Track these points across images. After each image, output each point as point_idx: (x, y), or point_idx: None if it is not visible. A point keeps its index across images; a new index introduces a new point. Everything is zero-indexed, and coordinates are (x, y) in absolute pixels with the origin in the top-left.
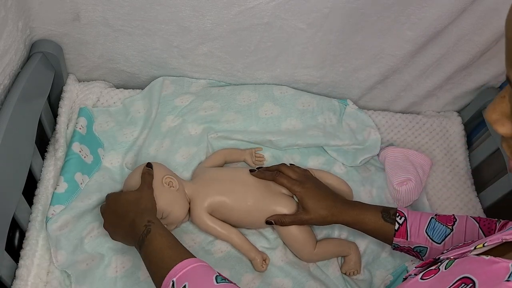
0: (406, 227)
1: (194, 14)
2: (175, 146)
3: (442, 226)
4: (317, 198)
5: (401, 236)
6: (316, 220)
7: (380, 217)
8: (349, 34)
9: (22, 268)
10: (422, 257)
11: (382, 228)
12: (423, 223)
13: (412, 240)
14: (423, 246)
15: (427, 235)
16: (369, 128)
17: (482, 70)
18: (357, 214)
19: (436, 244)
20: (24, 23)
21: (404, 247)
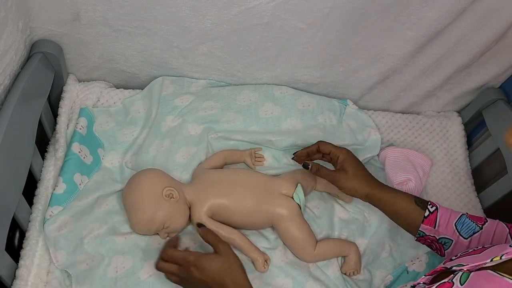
0: (436, 216)
1: (194, 14)
2: (175, 146)
3: (472, 223)
4: (357, 166)
5: (429, 223)
6: (351, 184)
7: (413, 201)
8: (349, 34)
9: (22, 268)
10: (445, 250)
11: (413, 212)
12: (454, 216)
13: (439, 230)
14: (449, 238)
15: (456, 228)
16: (369, 128)
17: (482, 70)
18: (392, 192)
19: (463, 239)
20: (24, 23)
21: (429, 236)
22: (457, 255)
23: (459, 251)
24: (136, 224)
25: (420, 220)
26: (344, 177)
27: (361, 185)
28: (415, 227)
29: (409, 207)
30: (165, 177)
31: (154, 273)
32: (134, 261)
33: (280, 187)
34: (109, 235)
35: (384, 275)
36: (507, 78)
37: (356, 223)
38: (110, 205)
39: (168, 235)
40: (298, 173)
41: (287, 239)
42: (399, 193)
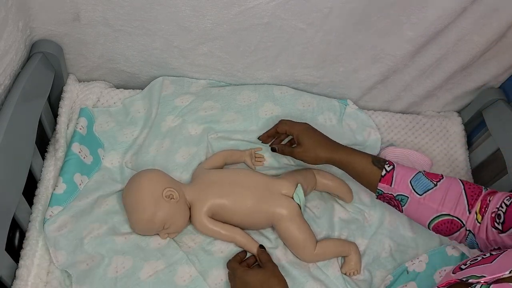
0: (392, 175)
1: (194, 14)
2: (175, 146)
3: (427, 180)
4: (313, 136)
5: (386, 182)
6: (308, 157)
7: (370, 161)
8: (349, 34)
9: (22, 268)
10: (402, 207)
11: (370, 172)
12: (410, 174)
13: (395, 188)
14: (405, 195)
15: (411, 185)
16: (369, 128)
17: (482, 70)
18: (349, 154)
19: (417, 195)
20: (24, 23)
21: (387, 194)
22: (466, 263)
23: (414, 208)
24: (136, 225)
25: (377, 179)
26: (301, 150)
27: (320, 152)
28: (374, 185)
29: (368, 167)
30: (165, 177)
31: (154, 273)
32: (134, 261)
33: (280, 187)
34: (109, 235)
35: (384, 275)
36: (507, 78)
37: (356, 223)
38: (110, 205)
39: (168, 235)
40: (298, 173)
41: (287, 239)
42: (357, 154)
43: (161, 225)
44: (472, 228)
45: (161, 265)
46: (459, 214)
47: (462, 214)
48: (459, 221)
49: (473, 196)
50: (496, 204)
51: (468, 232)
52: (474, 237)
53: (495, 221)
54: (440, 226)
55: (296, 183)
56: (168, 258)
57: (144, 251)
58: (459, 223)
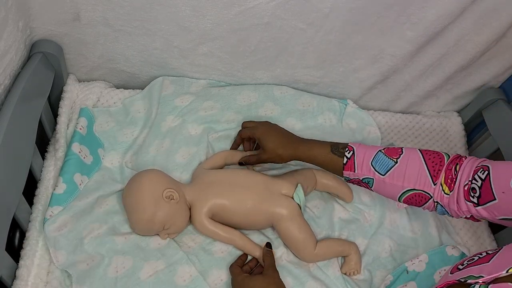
0: (353, 161)
1: (194, 14)
2: (175, 146)
3: (387, 159)
4: (273, 138)
5: (349, 169)
6: (274, 159)
7: (329, 151)
8: (349, 34)
9: (22, 268)
10: (371, 187)
11: (332, 161)
12: (370, 155)
13: (358, 172)
14: (370, 177)
15: (372, 167)
16: (369, 126)
17: (482, 70)
18: (308, 148)
19: (380, 176)
20: (24, 23)
21: (354, 179)
22: (463, 263)
23: (381, 188)
24: (136, 225)
25: (341, 167)
26: (265, 154)
27: (282, 153)
28: (340, 173)
29: (327, 157)
30: (165, 178)
31: (154, 273)
32: (134, 261)
33: (280, 187)
34: (109, 235)
35: (384, 275)
36: (507, 78)
37: (356, 223)
38: (110, 205)
39: (168, 235)
40: (298, 173)
41: (287, 239)
42: (317, 146)
43: (161, 226)
44: (440, 200)
45: (161, 265)
46: (424, 187)
47: (427, 186)
48: (426, 193)
49: (434, 167)
50: (468, 175)
51: (436, 204)
52: (443, 208)
53: (469, 194)
54: (409, 200)
55: (296, 183)
56: (168, 258)
57: (144, 251)
58: (426, 195)
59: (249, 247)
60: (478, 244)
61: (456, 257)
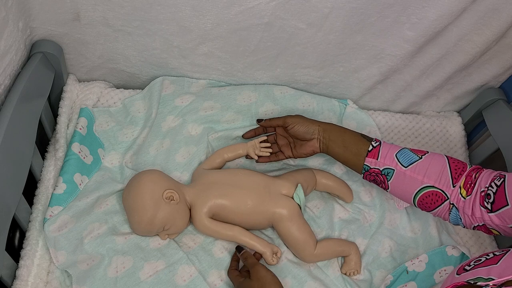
0: (378, 149)
1: (194, 14)
2: (175, 146)
3: (412, 154)
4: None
5: (372, 156)
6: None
7: (360, 134)
8: (349, 34)
9: (22, 268)
10: (388, 181)
11: (359, 143)
12: (396, 149)
13: (381, 161)
14: (390, 168)
15: (396, 158)
16: (368, 127)
17: (482, 70)
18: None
19: (402, 167)
20: (24, 23)
21: (373, 169)
22: (470, 264)
23: (399, 181)
24: (136, 226)
25: (365, 153)
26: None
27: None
28: (361, 160)
29: (357, 139)
30: (166, 179)
31: (154, 273)
32: (134, 261)
33: (280, 187)
34: (109, 235)
35: (384, 275)
36: (507, 78)
37: (356, 223)
38: (110, 205)
39: (168, 236)
40: (298, 173)
41: (287, 239)
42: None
43: (161, 227)
44: (456, 203)
45: (161, 265)
46: (443, 186)
47: (446, 186)
48: (443, 194)
49: (457, 170)
50: (486, 183)
51: (451, 206)
52: (458, 212)
53: (484, 200)
54: (424, 199)
55: (296, 183)
56: (168, 258)
57: (144, 251)
58: (443, 195)
59: (252, 243)
60: (478, 244)
61: (456, 257)
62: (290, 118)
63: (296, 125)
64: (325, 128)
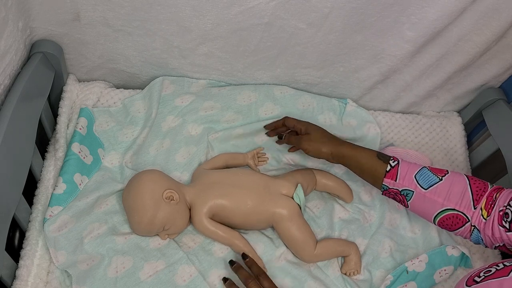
0: (397, 170)
1: (194, 14)
2: (175, 146)
3: (432, 175)
4: (321, 130)
5: (390, 177)
6: (315, 146)
7: (375, 155)
8: (349, 34)
9: (22, 268)
10: (408, 201)
11: (375, 165)
12: (414, 169)
13: (400, 182)
14: (410, 190)
15: (415, 179)
16: (368, 123)
17: (482, 70)
18: (354, 148)
19: (422, 189)
20: (24, 23)
21: (392, 189)
22: (480, 275)
23: (419, 202)
24: (136, 226)
25: (382, 174)
26: (307, 139)
27: (325, 145)
28: (378, 181)
29: (372, 162)
30: (165, 178)
31: (154, 273)
32: (134, 261)
33: (280, 187)
34: (109, 235)
35: (384, 275)
36: (507, 78)
37: (356, 223)
38: (110, 205)
39: (168, 236)
40: (298, 173)
41: (287, 239)
42: (362, 148)
43: (161, 227)
44: (477, 224)
45: (161, 265)
46: (464, 209)
47: (467, 209)
48: (464, 216)
49: (478, 192)
50: (504, 202)
51: (473, 228)
52: (479, 233)
53: (502, 219)
54: (445, 221)
55: (296, 183)
56: (168, 258)
57: (144, 251)
58: (464, 218)
59: (247, 250)
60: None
61: (456, 257)
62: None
63: (306, 142)
64: (337, 155)
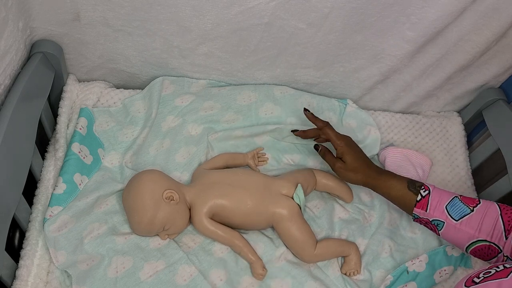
0: (428, 200)
1: (194, 14)
2: (175, 146)
3: (463, 206)
4: (356, 157)
5: (421, 207)
6: (348, 175)
7: (406, 185)
8: (349, 34)
9: (22, 268)
10: (439, 231)
11: (406, 196)
12: (446, 199)
13: (430, 213)
14: (440, 220)
15: (446, 210)
16: (369, 126)
17: (482, 70)
18: (386, 180)
19: (453, 221)
20: (24, 23)
21: (423, 219)
22: (479, 276)
23: (451, 233)
24: (136, 226)
25: (413, 204)
26: (343, 167)
27: (358, 176)
28: (409, 210)
29: (403, 192)
30: (165, 179)
31: (154, 273)
32: (134, 261)
33: (280, 187)
34: (109, 235)
35: (384, 275)
36: (507, 78)
37: (356, 223)
38: (110, 205)
39: (168, 236)
40: (298, 173)
41: (287, 239)
42: (393, 178)
43: (161, 227)
44: (510, 254)
45: (161, 265)
46: (496, 239)
47: (499, 239)
48: (496, 247)
49: (510, 221)
50: None
51: (506, 258)
52: None
53: None
54: (478, 251)
55: (296, 183)
56: (168, 258)
57: (144, 251)
58: (497, 249)
59: (247, 250)
60: None
61: (456, 257)
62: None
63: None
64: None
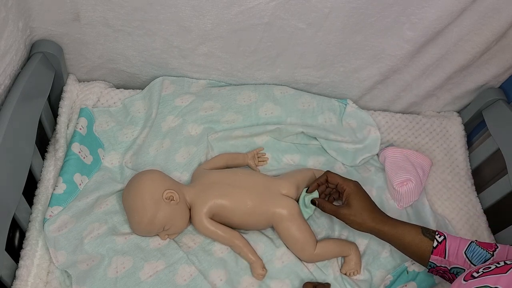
0: (445, 246)
1: (194, 14)
2: (175, 146)
3: (483, 251)
4: (363, 200)
5: (439, 254)
6: (354, 219)
7: (420, 232)
8: (349, 34)
9: (22, 268)
10: None
11: (421, 243)
12: (463, 245)
13: (450, 260)
14: (461, 268)
15: (466, 256)
16: (369, 126)
17: (482, 70)
18: (396, 225)
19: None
20: (24, 23)
21: (440, 267)
22: (478, 271)
23: None
24: (136, 226)
25: (429, 251)
26: (348, 213)
27: (365, 220)
28: (425, 258)
29: (417, 239)
30: (165, 179)
31: (154, 273)
32: (134, 261)
33: (280, 187)
34: (109, 235)
35: (384, 275)
36: (507, 78)
37: None
38: (110, 205)
39: (168, 236)
40: (298, 173)
41: (287, 239)
42: (405, 225)
43: (161, 227)
44: None
45: (161, 265)
46: None
47: None
48: None
49: None
50: None
51: None
52: None
53: None
54: None
55: (296, 183)
56: (168, 258)
57: (144, 251)
58: None
59: (247, 250)
60: None
61: None
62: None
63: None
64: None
